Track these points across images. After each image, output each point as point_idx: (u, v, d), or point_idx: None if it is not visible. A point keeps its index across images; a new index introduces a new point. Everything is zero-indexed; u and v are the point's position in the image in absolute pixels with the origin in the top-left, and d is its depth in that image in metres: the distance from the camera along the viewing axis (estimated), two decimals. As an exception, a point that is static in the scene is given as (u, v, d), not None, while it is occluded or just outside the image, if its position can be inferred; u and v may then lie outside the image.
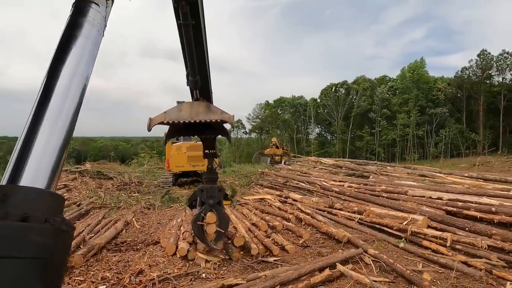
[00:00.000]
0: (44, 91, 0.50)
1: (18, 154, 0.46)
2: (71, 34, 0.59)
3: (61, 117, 0.50)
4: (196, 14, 2.48)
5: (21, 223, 0.41)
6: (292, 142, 60.86)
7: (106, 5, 0.76)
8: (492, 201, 6.32)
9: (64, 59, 0.52)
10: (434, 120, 49.43)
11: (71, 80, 0.51)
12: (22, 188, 0.46)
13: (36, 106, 0.48)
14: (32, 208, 0.43)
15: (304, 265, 4.47)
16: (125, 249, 5.54)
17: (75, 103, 0.52)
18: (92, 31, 0.65)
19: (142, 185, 13.50)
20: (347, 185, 10.23)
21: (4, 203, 0.42)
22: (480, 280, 4.00)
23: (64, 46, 0.55)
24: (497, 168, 23.36)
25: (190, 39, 2.66)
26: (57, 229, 0.44)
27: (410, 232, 5.60)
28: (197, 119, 3.51)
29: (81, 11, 0.67)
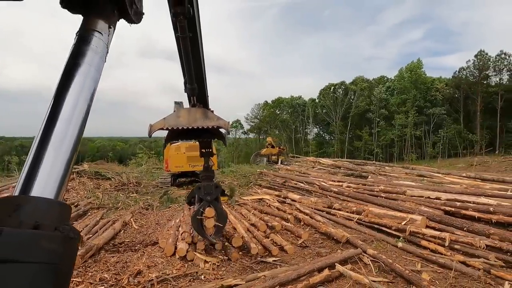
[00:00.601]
0: (50, 114, 0.55)
1: (29, 167, 0.51)
2: (75, 62, 0.64)
3: (66, 138, 0.54)
4: (193, 27, 2.62)
5: (34, 231, 0.46)
6: (291, 142, 60.93)
7: (108, 33, 0.80)
8: (490, 201, 6.35)
9: (69, 86, 0.57)
10: (431, 120, 49.64)
11: (75, 106, 0.56)
12: (33, 199, 0.50)
13: (44, 127, 0.54)
14: (43, 217, 0.47)
15: (303, 265, 4.47)
16: (124, 250, 5.52)
17: (79, 124, 0.58)
18: (95, 58, 0.69)
19: (140, 186, 13.46)
20: (345, 185, 10.24)
21: (18, 212, 0.46)
22: (479, 280, 4.01)
23: (69, 74, 0.60)
24: (494, 168, 23.46)
25: (188, 50, 2.82)
26: (65, 236, 0.48)
27: (409, 232, 5.61)
28: (194, 125, 3.72)
29: (85, 39, 0.72)
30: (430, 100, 52.03)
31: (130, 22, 0.93)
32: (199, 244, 5.15)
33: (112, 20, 0.84)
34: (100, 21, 0.78)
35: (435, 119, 49.39)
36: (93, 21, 0.77)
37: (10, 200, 0.49)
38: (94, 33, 0.74)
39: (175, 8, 2.21)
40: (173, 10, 2.24)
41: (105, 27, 0.79)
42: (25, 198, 0.49)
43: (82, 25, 0.76)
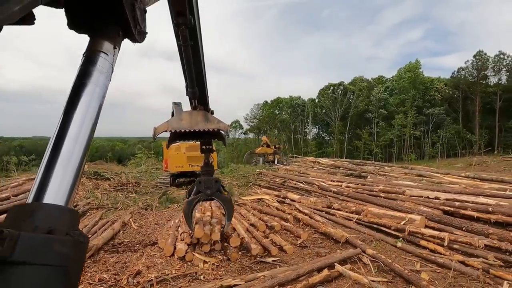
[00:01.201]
0: (59, 131, 0.60)
1: (41, 177, 0.56)
2: (81, 83, 0.68)
3: (74, 151, 0.59)
4: (195, 35, 2.72)
5: (47, 235, 0.50)
6: (290, 143, 60.97)
7: (114, 53, 0.84)
8: (489, 201, 6.37)
9: (76, 105, 0.62)
10: (430, 120, 49.74)
11: (81, 124, 0.62)
12: (46, 205, 0.55)
13: (54, 142, 0.59)
14: (55, 223, 0.52)
15: (303, 265, 4.47)
16: (123, 250, 5.51)
17: (86, 139, 0.62)
18: (101, 78, 0.73)
19: (139, 186, 13.44)
20: (345, 185, 10.25)
21: (32, 218, 0.51)
22: (478, 280, 4.02)
23: (76, 93, 0.65)
24: (493, 168, 23.51)
25: (189, 57, 2.94)
26: (76, 240, 0.53)
27: (408, 232, 5.62)
28: (196, 128, 3.95)
29: (91, 60, 0.75)
30: (429, 100, 52.13)
31: (134, 42, 0.97)
32: (201, 245, 5.15)
33: (117, 41, 0.87)
34: (105, 42, 0.82)
35: (434, 119, 49.49)
36: (99, 43, 0.81)
37: (25, 207, 0.53)
38: (100, 54, 0.78)
39: (177, 18, 2.29)
40: (175, 21, 2.33)
41: (110, 48, 0.83)
42: (38, 205, 0.54)
43: (89, 46, 0.80)
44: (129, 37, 0.92)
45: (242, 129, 72.14)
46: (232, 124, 72.94)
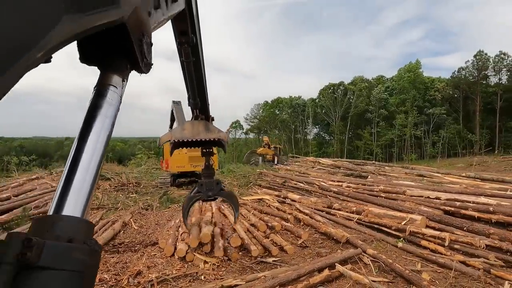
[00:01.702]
0: (74, 157, 0.68)
1: (60, 192, 0.64)
2: (92, 115, 0.75)
3: (88, 174, 0.67)
4: (197, 52, 2.88)
5: (68, 244, 0.56)
6: (290, 143, 60.98)
7: (122, 85, 0.90)
8: (489, 201, 6.36)
9: (88, 135, 0.71)
10: (431, 120, 49.71)
11: (93, 152, 0.70)
12: (66, 217, 0.61)
13: (68, 169, 0.67)
14: (74, 232, 0.58)
15: (303, 265, 4.46)
16: (123, 250, 5.51)
17: (98, 161, 0.70)
18: (110, 110, 0.79)
19: (140, 186, 13.44)
20: (345, 185, 10.25)
21: (54, 228, 0.57)
22: (479, 280, 4.01)
23: (88, 124, 0.73)
24: (493, 167, 23.50)
25: (192, 73, 3.13)
26: (92, 249, 0.59)
27: (409, 232, 5.61)
28: (198, 138, 4.18)
29: (101, 94, 0.81)
30: (429, 100, 52.11)
31: (141, 73, 1.03)
32: (203, 245, 5.15)
33: (125, 74, 0.94)
34: (114, 76, 0.88)
35: (435, 119, 49.47)
36: (109, 76, 0.87)
37: (48, 218, 0.60)
38: (110, 87, 0.84)
39: (180, 38, 2.44)
40: (179, 40, 2.48)
41: (119, 81, 0.89)
42: (59, 217, 0.61)
43: (99, 80, 0.86)
44: (136, 69, 0.99)
45: (242, 129, 72.18)
46: (232, 124, 73.00)
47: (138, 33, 0.91)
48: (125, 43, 0.86)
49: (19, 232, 0.54)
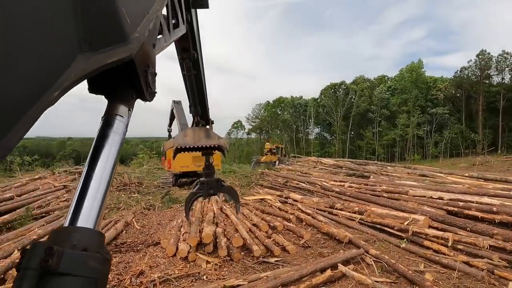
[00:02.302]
0: (85, 179, 0.75)
1: (75, 206, 0.70)
2: (100, 144, 0.81)
3: (98, 192, 0.74)
4: (197, 66, 3.05)
5: (83, 252, 0.61)
6: (292, 142, 60.94)
7: (128, 114, 0.95)
8: (493, 201, 6.31)
9: (96, 163, 0.77)
10: (434, 120, 49.53)
11: (101, 177, 0.76)
12: (80, 228, 0.67)
13: (80, 189, 0.73)
14: (88, 242, 0.64)
15: (306, 265, 4.45)
16: (126, 250, 5.53)
17: (106, 183, 0.77)
18: (116, 138, 0.85)
19: (142, 186, 13.47)
20: (347, 185, 10.22)
21: (70, 238, 0.63)
22: (482, 280, 3.99)
23: (96, 153, 0.79)
24: (496, 167, 23.37)
25: (193, 84, 3.33)
26: (104, 258, 0.65)
27: (412, 232, 5.58)
28: (199, 144, 4.50)
29: (108, 123, 0.87)
30: (431, 100, 51.92)
31: (145, 101, 1.10)
32: (206, 245, 5.16)
33: (131, 103, 1.00)
34: (121, 106, 0.94)
35: (437, 118, 49.28)
36: (116, 107, 0.93)
37: (64, 229, 0.67)
38: (117, 117, 0.90)
39: (182, 54, 2.60)
40: (180, 56, 2.64)
41: (125, 110, 0.95)
42: (74, 228, 0.67)
43: (107, 110, 0.92)
44: (141, 98, 1.05)
45: (244, 129, 72.21)
46: (234, 125, 73.09)
47: (144, 65, 0.97)
48: (131, 75, 0.92)
49: (41, 241, 0.60)
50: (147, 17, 0.95)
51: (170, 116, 18.68)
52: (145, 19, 0.93)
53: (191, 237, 5.20)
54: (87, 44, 0.64)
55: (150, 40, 1.02)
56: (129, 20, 0.78)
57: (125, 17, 0.75)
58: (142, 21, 0.90)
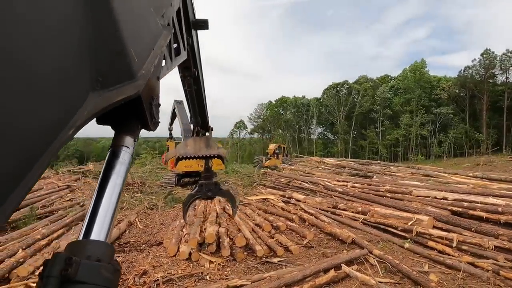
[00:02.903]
0: (94, 205, 0.81)
1: (88, 221, 0.77)
2: (107, 175, 0.87)
3: (108, 213, 0.81)
4: (198, 82, 3.21)
5: (97, 263, 0.68)
6: (295, 142, 60.88)
7: (133, 145, 1.01)
8: (498, 201, 6.26)
9: (104, 191, 0.83)
10: (437, 120, 49.23)
11: (109, 204, 0.82)
12: (93, 241, 0.74)
13: (92, 209, 0.80)
14: (101, 254, 0.70)
15: (309, 266, 4.44)
16: (129, 250, 5.54)
17: (114, 204, 0.83)
18: (122, 168, 0.91)
19: (144, 186, 13.51)
20: (350, 185, 10.18)
21: (85, 250, 0.69)
22: (488, 281, 3.95)
23: (103, 183, 0.85)
24: (500, 167, 23.18)
25: (194, 99, 3.52)
26: (115, 268, 0.71)
27: (415, 233, 5.55)
28: (200, 154, 4.69)
29: (115, 154, 0.93)
30: (435, 100, 51.61)
31: (149, 131, 1.15)
32: (208, 245, 5.17)
33: (136, 134, 1.06)
34: (127, 137, 1.00)
35: (441, 118, 48.99)
36: (122, 138, 0.99)
37: (79, 242, 0.73)
38: (123, 148, 0.96)
39: (183, 72, 2.72)
40: (182, 73, 2.77)
41: (131, 141, 1.01)
42: (88, 241, 0.73)
43: (114, 142, 0.99)
44: (145, 128, 1.11)
45: (246, 129, 72.23)
46: (236, 124, 73.14)
47: (149, 98, 1.02)
48: (137, 108, 0.97)
49: (61, 252, 0.66)
50: (152, 53, 1.01)
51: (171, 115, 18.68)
52: (151, 55, 0.99)
53: (191, 238, 5.20)
54: (99, 82, 0.68)
55: (155, 74, 1.07)
56: (137, 59, 0.83)
57: (133, 56, 0.81)
58: (148, 58, 0.96)
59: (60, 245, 5.25)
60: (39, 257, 4.72)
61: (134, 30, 0.86)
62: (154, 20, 1.12)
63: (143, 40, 0.96)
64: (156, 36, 1.12)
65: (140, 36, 0.93)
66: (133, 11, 0.89)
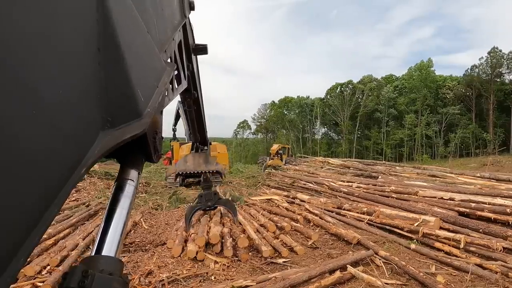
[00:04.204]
0: (102, 235, 0.86)
1: (100, 237, 0.83)
2: (113, 208, 0.91)
3: (116, 233, 0.87)
4: (198, 103, 3.34)
5: (110, 276, 0.73)
6: (299, 142, 60.74)
7: (138, 178, 1.05)
8: (506, 202, 6.16)
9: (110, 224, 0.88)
10: (443, 120, 48.76)
11: (115, 232, 0.87)
12: (105, 257, 0.80)
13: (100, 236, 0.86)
14: (112, 268, 0.76)
15: (314, 267, 4.41)
16: (134, 250, 5.56)
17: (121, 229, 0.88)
18: (126, 201, 0.95)
19: (149, 186, 13.58)
20: (355, 186, 10.12)
21: (98, 265, 0.75)
22: (496, 283, 3.89)
23: (109, 216, 0.89)
24: (508, 167, 22.87)
25: (193, 118, 3.64)
26: (125, 281, 0.77)
27: (422, 234, 5.49)
28: (199, 170, 4.91)
29: (120, 188, 0.97)
30: (441, 99, 51.13)
31: (152, 162, 1.21)
32: (215, 247, 5.19)
33: (141, 167, 1.11)
34: (132, 171, 1.04)
35: (447, 118, 48.50)
36: (127, 171, 1.03)
37: (93, 257, 0.79)
38: (128, 181, 1.01)
39: (184, 94, 2.82)
40: (182, 95, 2.87)
41: (135, 175, 1.05)
42: (100, 257, 0.80)
43: (119, 175, 1.03)
44: (149, 161, 1.15)
45: (250, 129, 72.27)
46: (240, 125, 73.24)
47: (153, 132, 1.07)
48: (141, 142, 1.02)
49: (77, 265, 0.72)
50: (157, 90, 1.06)
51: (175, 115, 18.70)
52: (155, 93, 1.04)
53: (199, 237, 5.21)
54: (108, 122, 0.73)
55: (159, 109, 1.11)
56: (143, 98, 0.88)
57: (140, 96, 0.86)
58: (153, 96, 1.01)
59: (67, 245, 5.28)
60: (46, 256, 4.76)
61: (140, 72, 0.90)
62: (158, 59, 1.16)
63: (148, 80, 0.99)
64: (160, 73, 1.16)
65: (146, 77, 0.97)
66: (140, 54, 0.92)
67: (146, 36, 1.01)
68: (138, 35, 0.93)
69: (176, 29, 1.69)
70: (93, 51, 0.68)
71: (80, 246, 5.22)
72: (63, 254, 4.83)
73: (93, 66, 0.68)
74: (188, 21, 2.31)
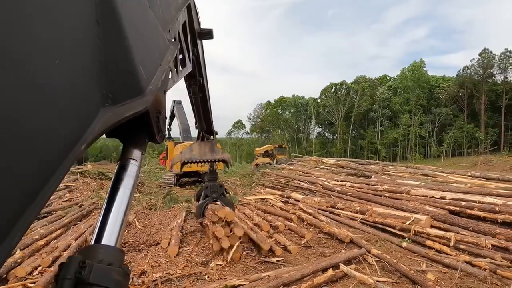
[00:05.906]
0: (103, 219, 0.83)
1: (99, 227, 0.80)
2: (116, 187, 0.89)
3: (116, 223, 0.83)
4: (203, 90, 3.35)
5: (109, 266, 0.70)
6: (293, 142, 60.90)
7: (141, 158, 1.04)
8: (495, 201, 6.28)
9: (112, 204, 0.85)
10: (437, 120, 49.33)
11: (118, 212, 0.84)
12: (105, 246, 0.77)
13: (101, 220, 0.83)
14: (112, 258, 0.73)
15: (307, 265, 4.45)
16: (127, 250, 5.54)
17: (123, 215, 0.85)
18: (129, 181, 0.92)
19: (143, 186, 13.50)
20: (349, 185, 10.20)
21: (97, 255, 0.72)
22: (485, 280, 3.97)
23: (112, 196, 0.87)
24: (499, 167, 23.25)
25: (199, 105, 3.70)
26: (125, 272, 0.74)
27: (413, 232, 5.57)
28: (205, 158, 4.94)
29: (124, 167, 0.95)
30: (434, 99, 51.72)
31: (156, 143, 1.19)
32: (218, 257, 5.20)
33: (144, 147, 1.09)
34: (135, 150, 1.03)
35: (440, 118, 49.08)
36: (130, 151, 1.01)
37: (92, 246, 0.76)
38: (131, 161, 0.99)
39: (189, 80, 2.85)
40: (187, 81, 2.89)
41: (138, 154, 1.03)
42: (100, 246, 0.76)
43: (122, 155, 1.01)
44: (152, 141, 1.13)
45: (245, 129, 72.21)
46: (234, 124, 73.16)
47: (156, 112, 1.05)
48: (145, 122, 1.00)
49: (75, 255, 0.69)
50: (160, 68, 1.04)
51: (170, 115, 18.67)
52: (158, 71, 1.02)
53: (216, 242, 5.20)
54: (109, 99, 0.70)
55: (162, 88, 1.09)
56: (145, 75, 0.85)
57: (142, 73, 0.83)
58: (155, 74, 0.99)
59: (58, 245, 5.24)
60: (37, 257, 4.72)
61: (143, 48, 0.88)
62: (161, 36, 1.14)
63: (151, 57, 0.98)
64: (163, 51, 1.14)
65: (148, 54, 0.95)
66: (142, 30, 0.90)
67: (149, 11, 0.99)
68: (140, 10, 0.90)
69: (181, 9, 1.65)
70: (91, 24, 0.65)
71: (72, 246, 5.19)
72: (55, 255, 4.79)
73: (91, 39, 0.65)
74: (193, 4, 2.27)
